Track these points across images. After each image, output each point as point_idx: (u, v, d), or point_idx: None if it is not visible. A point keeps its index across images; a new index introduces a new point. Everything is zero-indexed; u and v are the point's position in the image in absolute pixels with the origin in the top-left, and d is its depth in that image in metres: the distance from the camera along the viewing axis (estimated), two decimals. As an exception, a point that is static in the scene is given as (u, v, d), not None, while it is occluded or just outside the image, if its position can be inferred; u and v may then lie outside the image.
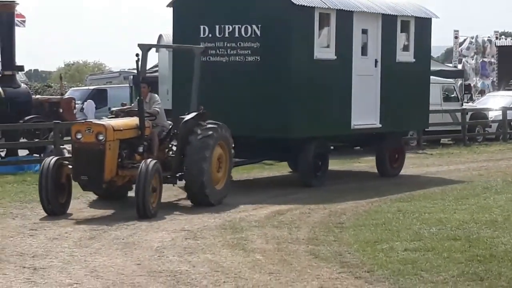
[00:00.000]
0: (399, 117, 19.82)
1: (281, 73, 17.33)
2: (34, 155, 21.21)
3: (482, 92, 42.30)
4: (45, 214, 14.07)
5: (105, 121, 14.85)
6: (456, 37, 44.70)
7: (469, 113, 30.38)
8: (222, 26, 17.82)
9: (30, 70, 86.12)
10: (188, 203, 15.34)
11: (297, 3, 17.13)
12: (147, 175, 13.79)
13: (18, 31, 24.25)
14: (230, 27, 17.73)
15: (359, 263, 10.56)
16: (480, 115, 31.51)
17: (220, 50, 17.85)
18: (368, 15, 18.87)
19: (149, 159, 14.25)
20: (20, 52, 23.06)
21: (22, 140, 21.41)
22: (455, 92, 31.13)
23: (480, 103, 34.78)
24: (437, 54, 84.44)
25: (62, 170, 14.41)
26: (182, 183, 15.39)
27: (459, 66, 43.30)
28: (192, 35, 17.94)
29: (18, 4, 23.47)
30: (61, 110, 22.56)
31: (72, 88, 38.79)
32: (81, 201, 15.47)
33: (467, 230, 12.46)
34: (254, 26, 17.46)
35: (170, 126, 15.67)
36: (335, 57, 18.17)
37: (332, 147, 20.17)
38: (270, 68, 17.34)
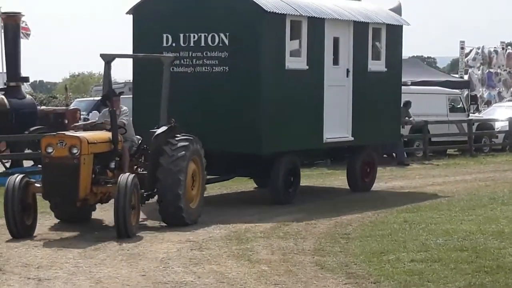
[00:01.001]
0: (371, 130, 18.82)
1: (250, 84, 16.23)
2: (39, 166, 21.21)
3: (488, 103, 42.24)
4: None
5: (79, 133, 13.69)
6: (462, 48, 44.68)
7: (476, 124, 30.39)
8: (187, 34, 16.62)
9: (35, 81, 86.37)
10: (154, 223, 14.43)
11: (268, 10, 16.10)
12: (126, 190, 12.72)
13: (23, 42, 24.27)
14: (196, 35, 16.57)
15: (365, 274, 10.54)
16: (486, 125, 31.50)
17: (185, 60, 16.65)
18: (339, 23, 17.94)
19: (127, 174, 13.18)
20: (25, 63, 23.09)
21: (27, 151, 21.44)
22: (461, 103, 31.18)
23: (486, 113, 34.78)
24: (443, 64, 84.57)
25: (28, 189, 13.21)
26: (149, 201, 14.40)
27: (465, 77, 43.25)
28: (154, 44, 16.75)
29: (23, 15, 23.58)
30: (66, 121, 22.56)
31: (77, 99, 38.81)
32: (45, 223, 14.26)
33: (474, 241, 12.43)
34: (222, 35, 16.35)
35: (139, 141, 14.61)
36: (307, 67, 17.19)
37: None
38: (239, 79, 16.28)
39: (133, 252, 11.93)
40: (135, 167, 14.42)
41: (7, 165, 21.66)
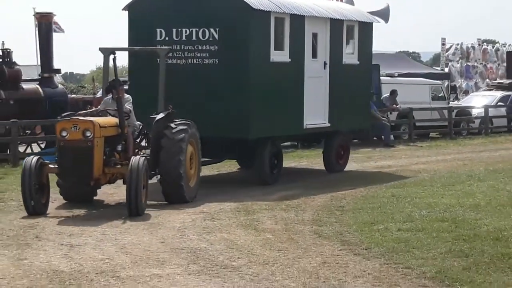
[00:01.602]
0: (345, 117, 18.46)
1: (239, 75, 15.80)
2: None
3: (466, 92, 42.14)
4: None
5: (91, 118, 13.24)
6: (443, 44, 44.58)
7: (455, 111, 30.32)
8: (179, 29, 16.08)
9: (66, 72, 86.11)
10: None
11: (256, 7, 15.70)
12: (139, 172, 12.37)
13: (57, 37, 24.26)
14: (188, 30, 16.03)
15: (357, 241, 10.54)
16: (464, 112, 31.41)
17: (178, 53, 16.06)
18: (318, 20, 17.55)
19: (138, 156, 12.95)
20: (57, 56, 23.10)
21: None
22: (442, 92, 31.15)
23: (464, 101, 34.70)
24: (426, 58, 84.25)
25: (43, 170, 12.83)
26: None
27: (446, 69, 43.17)
28: (148, 38, 16.14)
29: (55, 15, 23.55)
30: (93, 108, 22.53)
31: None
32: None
33: (453, 213, 12.43)
34: (212, 30, 15.85)
35: (141, 127, 14.17)
36: (289, 60, 16.76)
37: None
38: (229, 71, 15.80)
39: (153, 222, 11.96)
40: (137, 150, 14.01)
41: (42, 146, 21.68)
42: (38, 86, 21.99)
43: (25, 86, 21.74)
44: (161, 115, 13.89)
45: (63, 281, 8.61)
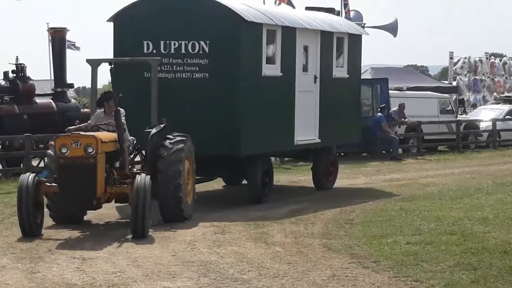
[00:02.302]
0: (336, 132, 17.57)
1: (230, 90, 14.84)
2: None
3: (474, 106, 42.06)
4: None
5: (91, 133, 12.29)
6: (451, 58, 44.53)
7: (463, 124, 30.24)
8: (168, 42, 15.06)
9: (79, 87, 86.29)
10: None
11: (248, 20, 14.76)
12: (146, 192, 11.46)
13: (69, 52, 24.34)
14: (176, 43, 15.02)
15: (366, 254, 10.53)
16: (472, 125, 31.31)
17: (166, 66, 15.01)
18: (308, 32, 16.59)
19: (143, 175, 11.90)
20: (70, 71, 23.17)
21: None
22: (450, 106, 31.12)
23: (472, 115, 34.61)
24: (434, 72, 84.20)
25: (39, 188, 11.83)
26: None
27: (454, 83, 43.10)
28: (134, 50, 14.93)
29: (69, 30, 23.64)
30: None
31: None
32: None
33: (461, 226, 12.39)
34: (202, 42, 14.86)
35: (134, 141, 13.19)
36: (281, 74, 15.83)
37: None
38: (219, 85, 14.82)
39: (164, 235, 11.94)
40: (130, 166, 13.01)
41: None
42: (51, 101, 22.05)
43: (38, 100, 21.80)
44: (157, 129, 13.12)
45: (76, 294, 8.63)
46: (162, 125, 13.25)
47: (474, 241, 11.16)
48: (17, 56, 21.93)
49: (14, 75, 21.39)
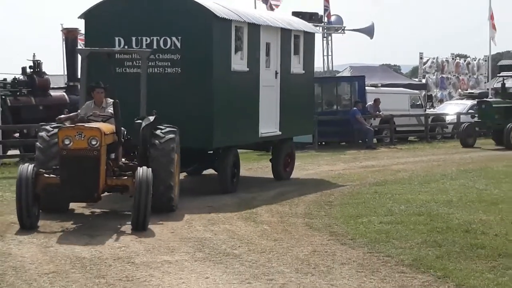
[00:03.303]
0: (293, 124, 16.67)
1: (203, 85, 13.73)
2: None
3: (441, 101, 42.12)
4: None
5: (94, 124, 11.07)
6: (421, 58, 44.51)
7: (431, 117, 30.31)
8: (139, 37, 13.91)
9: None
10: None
11: (220, 16, 13.77)
12: (148, 184, 10.36)
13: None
14: (148, 38, 13.86)
15: (344, 232, 10.54)
16: (439, 118, 31.39)
17: (137, 62, 13.62)
18: (271, 29, 15.63)
19: (144, 167, 10.65)
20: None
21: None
22: (420, 101, 31.15)
23: (439, 109, 34.73)
24: (406, 71, 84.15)
25: (38, 179, 10.57)
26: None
27: (423, 81, 43.12)
28: (106, 46, 13.38)
29: (80, 31, 23.52)
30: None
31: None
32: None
33: (428, 208, 12.41)
34: (174, 38, 13.76)
35: (125, 132, 11.84)
36: (247, 69, 14.88)
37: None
38: (191, 80, 13.69)
39: (164, 215, 11.87)
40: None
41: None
42: (64, 93, 22.02)
43: (53, 93, 21.79)
44: (149, 121, 12.03)
45: (84, 266, 8.61)
46: (153, 117, 12.21)
47: (439, 221, 11.18)
48: (34, 53, 21.91)
49: (31, 70, 21.43)
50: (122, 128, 11.69)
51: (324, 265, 8.71)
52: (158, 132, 11.99)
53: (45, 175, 10.71)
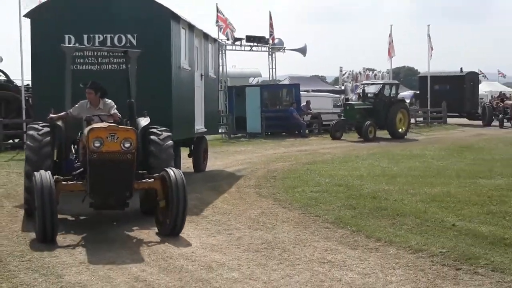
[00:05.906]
0: (211, 122, 14.49)
1: (161, 81, 11.07)
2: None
3: (355, 103, 42.53)
4: None
5: (124, 126, 8.03)
6: (341, 71, 44.97)
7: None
8: (91, 35, 11.04)
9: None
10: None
11: (176, 14, 11.40)
12: (184, 187, 7.65)
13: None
14: (101, 36, 11.03)
15: (284, 199, 10.54)
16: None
17: (90, 58, 10.99)
18: (199, 33, 13.26)
19: (175, 169, 7.88)
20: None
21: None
22: (340, 102, 31.37)
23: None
24: (330, 80, 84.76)
25: (57, 187, 7.44)
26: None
27: (343, 87, 43.55)
28: (55, 45, 10.28)
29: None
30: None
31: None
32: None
33: (346, 180, 12.46)
34: (129, 36, 11.01)
35: None
36: (190, 68, 12.52)
37: None
38: (148, 77, 10.61)
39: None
40: None
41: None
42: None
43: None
44: (146, 122, 9.29)
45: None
46: (147, 117, 9.44)
47: (354, 190, 11.23)
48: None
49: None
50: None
51: (269, 223, 8.70)
52: (155, 130, 9.25)
53: (63, 182, 7.66)
